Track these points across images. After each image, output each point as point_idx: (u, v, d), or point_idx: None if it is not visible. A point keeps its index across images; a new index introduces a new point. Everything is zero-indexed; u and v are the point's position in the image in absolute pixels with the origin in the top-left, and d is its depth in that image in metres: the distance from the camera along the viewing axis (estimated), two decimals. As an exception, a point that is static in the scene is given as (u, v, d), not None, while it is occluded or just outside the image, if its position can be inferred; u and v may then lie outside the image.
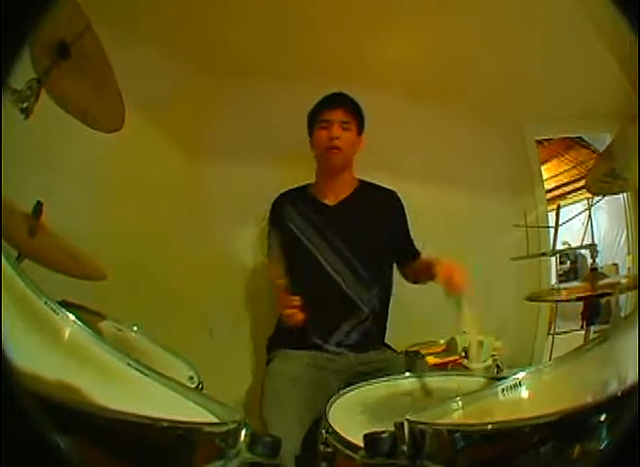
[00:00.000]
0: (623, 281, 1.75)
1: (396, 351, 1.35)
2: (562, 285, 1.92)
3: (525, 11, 1.41)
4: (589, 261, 1.54)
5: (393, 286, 1.40)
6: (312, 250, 1.30)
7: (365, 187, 1.40)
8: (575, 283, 1.83)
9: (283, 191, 1.42)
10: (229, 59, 1.64)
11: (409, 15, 1.49)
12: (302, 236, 1.31)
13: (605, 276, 1.52)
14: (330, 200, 1.36)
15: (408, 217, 1.40)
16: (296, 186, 1.44)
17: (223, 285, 1.65)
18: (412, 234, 1.41)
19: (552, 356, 1.84)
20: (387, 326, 1.39)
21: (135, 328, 1.08)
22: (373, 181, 1.44)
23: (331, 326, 1.25)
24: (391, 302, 1.41)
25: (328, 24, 1.55)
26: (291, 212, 1.35)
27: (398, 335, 1.50)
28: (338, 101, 1.32)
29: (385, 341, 1.37)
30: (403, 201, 1.41)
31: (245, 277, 1.65)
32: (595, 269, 1.48)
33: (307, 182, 1.44)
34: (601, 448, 0.35)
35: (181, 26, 1.48)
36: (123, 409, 0.33)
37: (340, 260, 1.29)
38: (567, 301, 1.66)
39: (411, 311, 1.60)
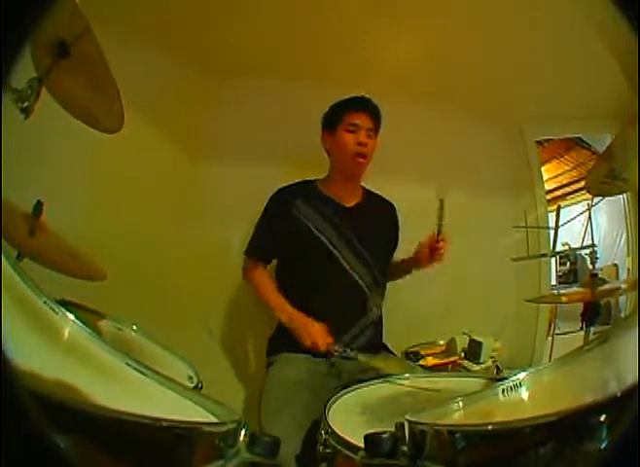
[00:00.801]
0: (623, 286, 1.76)
1: (395, 355, 1.35)
2: (562, 291, 1.92)
3: (525, 11, 1.41)
4: (589, 261, 1.54)
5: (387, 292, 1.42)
6: (333, 251, 1.27)
7: (370, 194, 1.42)
8: (575, 288, 1.83)
9: (284, 185, 1.36)
10: (229, 59, 1.64)
11: (410, 15, 1.49)
12: (321, 235, 1.27)
13: (605, 282, 1.52)
14: (346, 203, 1.34)
15: (406, 219, 1.43)
16: (297, 181, 1.38)
17: (223, 285, 1.65)
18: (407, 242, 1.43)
19: (552, 357, 1.84)
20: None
21: (135, 327, 1.08)
22: (374, 180, 1.45)
23: (342, 328, 1.24)
24: (391, 302, 1.42)
25: (328, 25, 1.55)
26: (304, 208, 1.29)
27: (398, 335, 1.50)
28: (368, 106, 1.30)
29: (385, 343, 1.37)
30: (403, 202, 1.44)
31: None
32: (595, 274, 1.48)
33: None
34: (601, 448, 0.35)
35: (181, 26, 1.47)
36: (122, 408, 0.33)
37: (359, 261, 1.28)
38: (567, 302, 1.66)
39: (411, 312, 1.61)
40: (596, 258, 1.69)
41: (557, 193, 2.52)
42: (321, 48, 1.62)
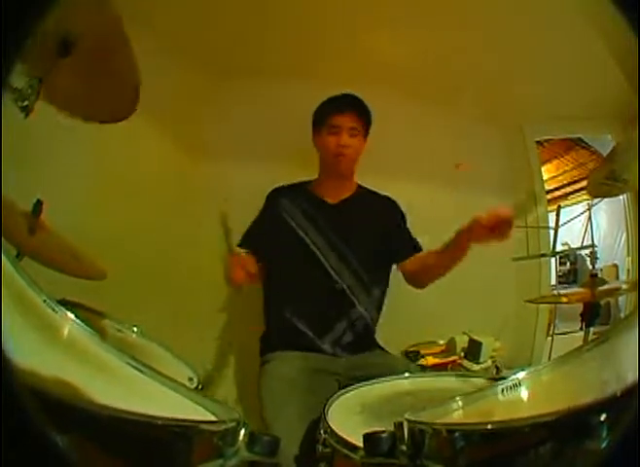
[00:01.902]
0: (623, 286, 1.76)
1: (388, 353, 1.34)
2: (562, 291, 1.92)
3: (525, 11, 1.41)
4: (589, 262, 1.54)
5: (387, 292, 1.39)
6: (311, 247, 1.28)
7: (364, 191, 1.41)
8: (575, 289, 1.83)
9: (279, 185, 1.40)
10: (229, 59, 1.64)
11: (410, 15, 1.49)
12: (301, 232, 1.30)
13: (605, 282, 1.52)
14: (330, 199, 1.36)
15: (408, 218, 1.41)
16: (293, 182, 1.42)
17: (223, 285, 1.64)
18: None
19: (552, 357, 1.84)
20: (377, 328, 1.38)
21: (135, 328, 1.08)
22: (373, 181, 1.44)
23: (326, 324, 1.25)
24: (391, 302, 1.41)
25: (327, 25, 1.55)
26: (289, 206, 1.32)
27: (398, 335, 1.50)
28: (351, 106, 1.29)
29: (384, 342, 1.37)
30: (402, 202, 1.43)
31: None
32: (595, 274, 1.48)
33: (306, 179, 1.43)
34: (601, 448, 0.35)
35: (181, 26, 1.47)
36: (121, 407, 0.33)
37: (339, 259, 1.28)
38: (567, 302, 1.66)
39: (411, 311, 1.61)
40: (596, 258, 1.69)
41: (557, 193, 2.52)
42: (321, 48, 1.62)
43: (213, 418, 0.53)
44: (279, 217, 1.31)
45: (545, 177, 2.11)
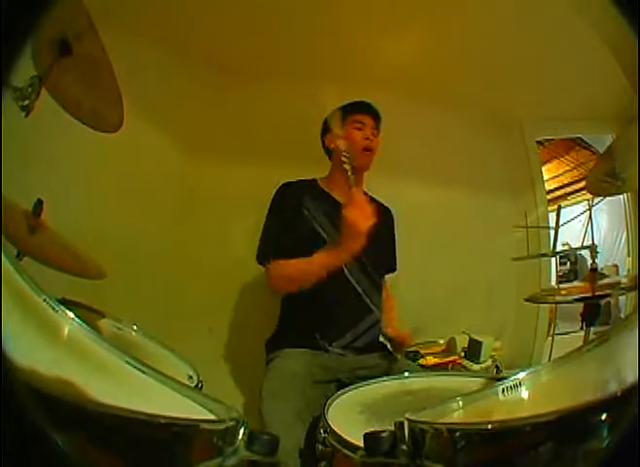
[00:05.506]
0: (623, 281, 1.75)
1: (392, 353, 1.35)
2: (562, 285, 1.92)
3: (526, 12, 1.41)
4: (589, 262, 1.54)
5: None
6: None
7: (371, 199, 1.41)
8: (575, 283, 1.83)
9: (291, 180, 1.36)
10: (229, 59, 1.64)
11: (410, 15, 1.49)
12: (325, 235, 1.27)
13: (605, 276, 1.52)
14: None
15: (407, 219, 1.44)
16: (301, 178, 1.39)
17: (222, 284, 1.65)
18: (408, 242, 1.46)
19: (552, 357, 1.84)
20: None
21: (135, 327, 1.08)
22: (373, 182, 1.44)
23: (343, 328, 1.25)
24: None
25: (328, 24, 1.55)
26: (312, 206, 1.29)
27: (398, 335, 1.49)
28: (370, 109, 1.36)
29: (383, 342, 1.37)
30: (403, 202, 1.44)
31: (244, 276, 1.65)
32: (595, 269, 1.48)
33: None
34: (601, 447, 0.35)
35: (182, 26, 1.48)
36: (120, 405, 0.33)
37: (358, 263, 1.27)
38: (567, 303, 1.66)
39: (411, 311, 1.61)
40: (596, 257, 1.69)
41: (558, 193, 2.53)
42: (321, 48, 1.62)
43: (212, 417, 0.53)
44: (303, 215, 1.27)
45: (545, 177, 2.12)
